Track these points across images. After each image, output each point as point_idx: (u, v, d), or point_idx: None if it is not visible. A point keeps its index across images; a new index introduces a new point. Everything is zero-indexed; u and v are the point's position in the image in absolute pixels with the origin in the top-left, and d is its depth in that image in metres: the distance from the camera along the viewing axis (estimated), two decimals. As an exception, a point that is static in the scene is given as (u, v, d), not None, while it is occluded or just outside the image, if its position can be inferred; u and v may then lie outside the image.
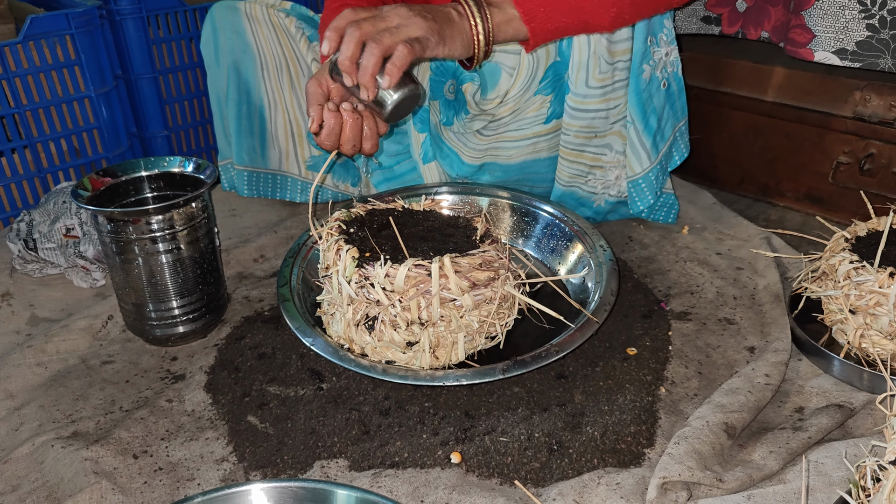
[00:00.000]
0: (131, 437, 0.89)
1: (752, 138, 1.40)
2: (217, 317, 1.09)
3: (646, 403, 0.90)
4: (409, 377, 0.88)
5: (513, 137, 1.17)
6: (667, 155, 1.22)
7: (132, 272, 1.00)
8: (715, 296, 1.12)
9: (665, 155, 1.22)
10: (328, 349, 0.92)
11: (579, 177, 1.20)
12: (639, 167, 1.20)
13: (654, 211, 1.29)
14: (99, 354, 1.05)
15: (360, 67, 0.88)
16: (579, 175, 1.20)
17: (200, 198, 1.02)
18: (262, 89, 1.30)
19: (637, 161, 1.19)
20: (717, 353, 1.00)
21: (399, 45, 0.86)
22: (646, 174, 1.20)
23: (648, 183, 1.21)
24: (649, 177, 1.21)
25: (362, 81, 0.88)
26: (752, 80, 1.37)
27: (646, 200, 1.23)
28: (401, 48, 0.86)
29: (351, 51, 0.87)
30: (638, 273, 1.18)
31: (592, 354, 0.99)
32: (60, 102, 1.26)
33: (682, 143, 1.25)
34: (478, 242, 0.98)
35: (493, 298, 0.92)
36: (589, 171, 1.20)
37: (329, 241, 0.96)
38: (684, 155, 1.26)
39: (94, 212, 0.98)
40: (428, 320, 0.89)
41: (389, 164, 1.31)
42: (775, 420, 0.89)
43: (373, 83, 0.88)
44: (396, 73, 0.87)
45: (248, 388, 0.96)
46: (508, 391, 0.93)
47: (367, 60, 0.87)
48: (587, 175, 1.20)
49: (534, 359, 0.89)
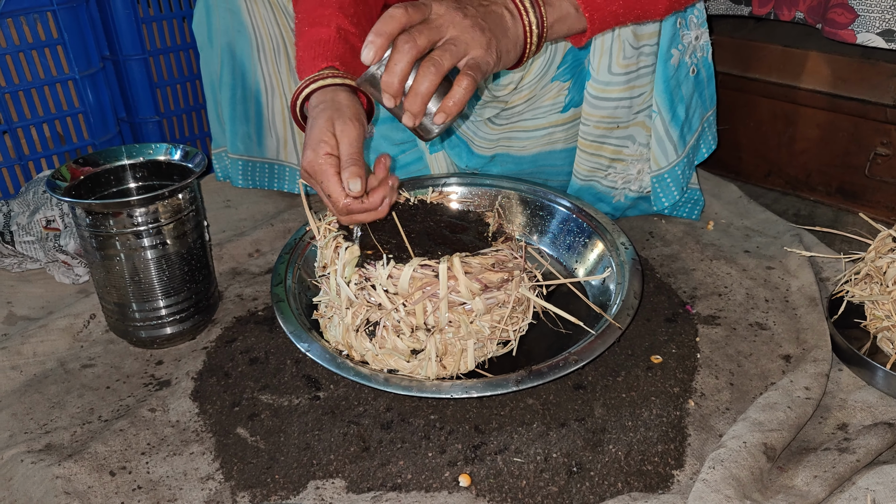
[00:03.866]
0: (109, 451, 0.81)
1: (782, 128, 1.31)
2: (206, 317, 1.01)
3: (673, 419, 0.82)
4: (413, 388, 0.80)
5: (527, 127, 1.09)
6: (694, 148, 1.13)
7: (113, 269, 0.92)
8: (744, 298, 1.03)
9: (692, 148, 1.13)
10: (325, 356, 0.84)
11: (598, 170, 1.11)
12: (664, 161, 1.11)
13: (678, 207, 1.20)
14: (79, 357, 0.97)
15: (411, 91, 0.75)
16: (598, 168, 1.11)
17: (188, 188, 0.94)
18: (259, 73, 1.22)
19: (663, 154, 1.10)
20: (749, 361, 0.92)
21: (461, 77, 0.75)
22: (671, 168, 1.11)
23: (675, 178, 1.12)
24: (675, 171, 1.12)
25: (412, 109, 0.76)
26: (782, 66, 1.27)
27: (671, 196, 1.14)
28: (464, 83, 0.75)
29: (403, 71, 0.74)
30: (660, 272, 1.10)
31: (613, 363, 0.91)
32: (42, 84, 1.17)
33: (709, 135, 1.16)
34: (490, 240, 0.89)
35: (506, 302, 0.84)
36: (609, 165, 1.11)
37: (327, 237, 0.88)
38: (712, 147, 1.17)
39: (71, 203, 0.90)
40: (435, 326, 0.81)
41: (393, 153, 1.22)
42: (817, 439, 0.81)
43: (422, 112, 0.76)
44: (455, 112, 0.76)
45: (239, 396, 0.88)
46: (522, 403, 0.85)
47: (422, 86, 0.74)
48: (607, 169, 1.11)
49: (551, 369, 0.81)
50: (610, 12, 0.84)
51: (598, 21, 0.85)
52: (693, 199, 1.19)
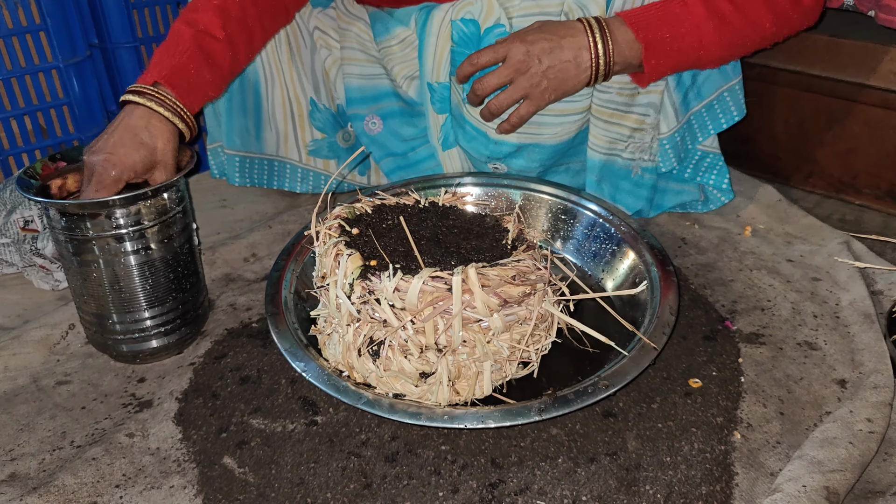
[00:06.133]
0: (78, 483, 0.72)
1: (825, 125, 1.21)
2: (195, 329, 0.92)
3: (718, 454, 0.72)
4: (422, 416, 0.70)
5: (560, 111, 0.98)
6: (698, 115, 1.06)
7: (91, 276, 0.83)
8: (790, 313, 0.93)
9: (696, 115, 1.06)
10: (323, 377, 0.74)
11: (619, 142, 1.02)
12: (665, 126, 1.04)
13: (701, 172, 1.11)
14: (54, 373, 0.88)
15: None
16: (619, 139, 1.02)
17: (174, 187, 0.84)
18: (258, 61, 1.12)
19: (664, 119, 1.03)
20: (799, 387, 0.82)
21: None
22: (671, 135, 1.04)
23: (673, 144, 1.05)
24: (674, 138, 1.05)
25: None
26: (827, 57, 1.17)
27: (668, 162, 1.07)
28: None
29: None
30: (695, 283, 1.00)
31: (646, 387, 0.81)
32: (23, 74, 1.08)
33: (731, 105, 1.06)
34: (509, 248, 0.79)
35: (528, 318, 0.74)
36: (630, 136, 1.02)
37: (327, 243, 0.78)
38: (734, 118, 1.07)
39: (43, 204, 0.81)
40: (447, 346, 0.71)
41: (403, 150, 1.12)
42: (882, 480, 0.71)
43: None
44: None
45: (227, 420, 0.79)
46: (545, 433, 0.75)
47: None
48: (627, 140, 1.02)
49: (578, 395, 0.71)
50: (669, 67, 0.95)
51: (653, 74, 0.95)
52: (715, 166, 1.10)
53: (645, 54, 0.92)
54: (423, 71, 1.04)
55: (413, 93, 1.10)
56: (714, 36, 0.92)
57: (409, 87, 1.09)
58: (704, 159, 1.09)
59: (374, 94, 1.12)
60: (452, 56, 0.99)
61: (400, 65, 1.08)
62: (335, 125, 1.17)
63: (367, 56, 1.11)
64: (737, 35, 0.94)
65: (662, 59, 0.93)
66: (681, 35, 0.92)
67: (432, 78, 1.04)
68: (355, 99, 1.12)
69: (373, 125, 1.12)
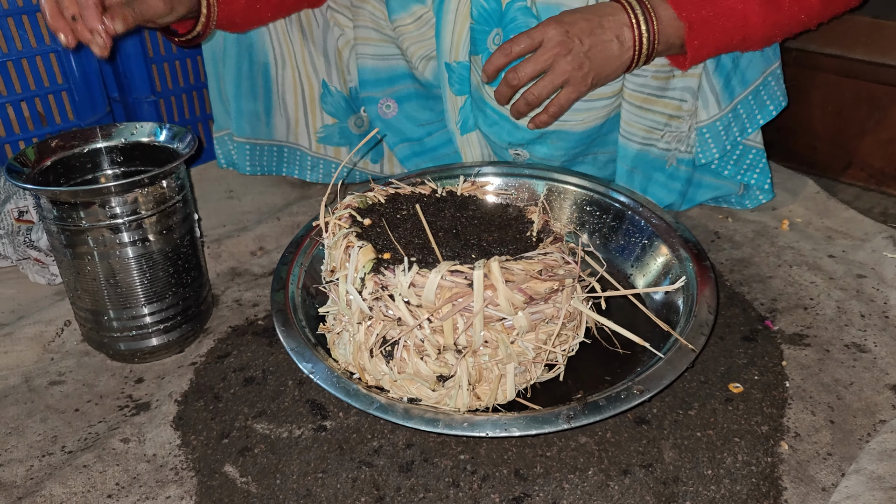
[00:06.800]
0: (67, 493, 0.66)
1: (866, 113, 1.14)
2: (197, 326, 0.86)
3: (764, 467, 0.66)
4: (439, 423, 0.64)
5: (588, 96, 0.92)
6: (745, 103, 0.98)
7: (85, 270, 0.77)
8: (835, 312, 0.86)
9: (742, 103, 0.97)
10: (332, 380, 0.68)
11: (656, 130, 0.96)
12: (705, 114, 0.96)
13: (743, 171, 1.03)
14: (47, 372, 0.83)
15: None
16: (655, 128, 0.95)
17: (174, 174, 0.79)
18: (268, 43, 1.06)
19: (704, 106, 0.96)
20: (850, 392, 0.75)
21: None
22: (712, 122, 0.96)
23: (714, 133, 0.97)
24: (716, 126, 0.97)
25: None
26: (870, 40, 1.09)
27: (709, 153, 0.99)
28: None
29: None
30: (731, 280, 0.93)
31: (682, 392, 0.75)
32: (20, 57, 1.03)
33: (777, 90, 0.99)
34: (534, 241, 0.73)
35: (555, 317, 0.68)
36: (666, 124, 0.95)
37: (336, 234, 0.72)
38: (781, 104, 0.99)
39: (34, 191, 0.75)
40: (467, 347, 0.65)
41: (419, 135, 1.06)
42: (948, 496, 0.64)
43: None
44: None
45: (229, 424, 0.73)
46: (573, 442, 0.69)
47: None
48: (664, 128, 0.96)
49: (610, 401, 0.65)
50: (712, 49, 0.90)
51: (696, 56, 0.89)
52: (758, 164, 1.02)
53: (688, 34, 0.85)
54: (440, 50, 0.98)
55: (429, 74, 1.03)
56: (759, 15, 0.86)
57: (426, 69, 1.03)
58: (746, 156, 1.01)
59: (389, 75, 1.06)
60: (472, 34, 0.93)
61: (415, 44, 1.02)
62: (347, 110, 1.11)
63: (382, 35, 1.05)
64: (783, 14, 0.87)
65: (706, 40, 0.86)
66: (725, 13, 0.85)
67: (450, 57, 0.97)
68: (369, 81, 1.06)
69: (387, 109, 1.06)
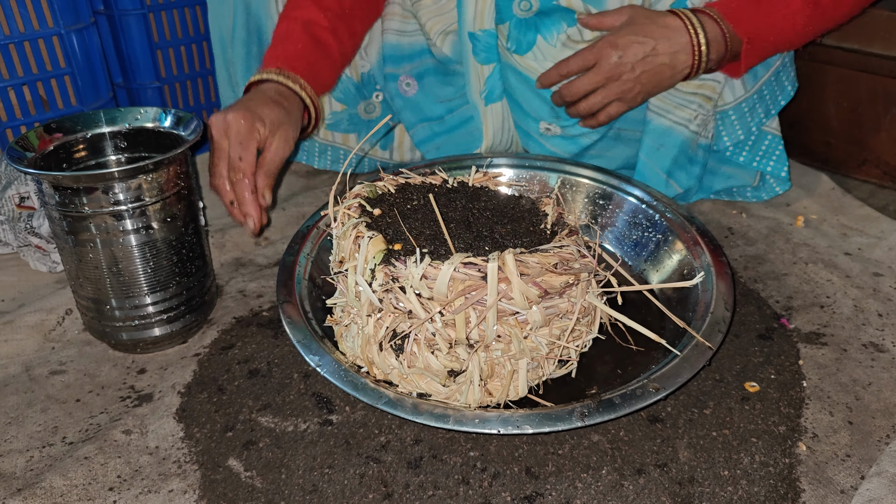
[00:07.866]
0: (68, 485, 0.65)
1: (882, 109, 1.12)
2: (201, 317, 0.84)
3: (782, 468, 0.64)
4: (450, 419, 0.62)
5: None
6: (769, 85, 0.97)
7: (87, 257, 0.76)
8: (852, 311, 0.85)
9: (766, 84, 0.96)
10: (339, 373, 0.67)
11: (686, 108, 0.95)
12: (730, 96, 0.95)
13: (759, 157, 1.01)
14: (48, 361, 0.81)
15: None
16: (686, 106, 0.95)
17: (178, 160, 0.77)
18: (277, 27, 1.04)
19: (729, 88, 0.95)
20: (868, 392, 0.73)
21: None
22: (737, 104, 0.96)
23: (740, 115, 0.96)
24: (741, 108, 0.96)
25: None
26: (887, 34, 1.07)
27: (734, 135, 0.98)
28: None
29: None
30: (745, 277, 0.91)
31: (697, 390, 0.73)
32: (21, 40, 1.01)
33: (791, 72, 0.98)
34: (548, 233, 0.72)
35: (569, 312, 0.66)
36: (700, 105, 0.95)
37: (345, 224, 0.70)
38: (795, 86, 0.99)
39: (35, 176, 0.73)
40: (479, 341, 0.64)
41: (439, 112, 1.04)
42: (971, 501, 0.63)
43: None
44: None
45: (233, 417, 0.72)
46: (586, 440, 0.67)
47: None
48: (697, 110, 0.95)
49: (625, 399, 0.63)
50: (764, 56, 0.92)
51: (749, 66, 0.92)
52: (774, 151, 1.00)
53: (745, 48, 0.87)
54: (462, 20, 0.96)
55: (448, 49, 1.01)
56: (805, 20, 0.87)
57: (444, 43, 1.00)
58: (762, 141, 1.00)
59: (410, 51, 1.04)
60: (496, 1, 0.92)
61: (434, 18, 0.99)
62: (357, 96, 1.09)
63: (403, 11, 1.03)
64: (825, 17, 0.89)
65: (761, 51, 0.90)
66: (778, 25, 0.88)
67: (475, 26, 0.95)
68: (391, 56, 1.05)
69: (407, 87, 1.04)
